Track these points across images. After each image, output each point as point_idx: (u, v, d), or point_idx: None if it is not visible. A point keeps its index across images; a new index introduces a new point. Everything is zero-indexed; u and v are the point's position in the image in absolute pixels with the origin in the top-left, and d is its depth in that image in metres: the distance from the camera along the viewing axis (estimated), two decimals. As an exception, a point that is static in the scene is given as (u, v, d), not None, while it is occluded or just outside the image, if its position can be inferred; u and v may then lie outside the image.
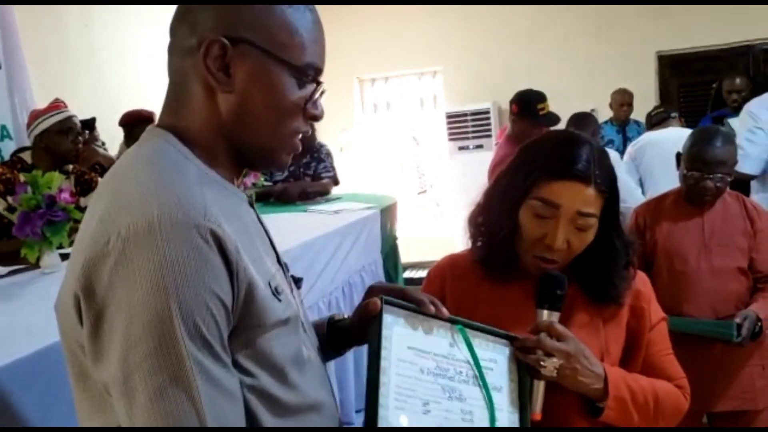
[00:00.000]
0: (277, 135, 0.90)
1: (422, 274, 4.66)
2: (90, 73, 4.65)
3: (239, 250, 0.79)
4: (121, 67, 4.92)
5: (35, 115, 3.08)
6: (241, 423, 0.79)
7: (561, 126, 3.39)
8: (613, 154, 3.20)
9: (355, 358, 2.64)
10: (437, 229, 7.16)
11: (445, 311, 1.08)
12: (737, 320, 2.15)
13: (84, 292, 0.75)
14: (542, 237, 1.22)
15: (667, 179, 2.83)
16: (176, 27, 0.88)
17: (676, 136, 3.32)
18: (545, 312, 1.20)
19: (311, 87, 0.90)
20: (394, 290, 1.09)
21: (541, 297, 1.21)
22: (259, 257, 0.87)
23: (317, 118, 0.93)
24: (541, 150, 1.28)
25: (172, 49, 0.89)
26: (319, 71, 0.92)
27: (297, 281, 1.05)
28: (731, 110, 4.51)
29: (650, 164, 3.75)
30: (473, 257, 1.35)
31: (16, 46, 3.83)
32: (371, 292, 1.10)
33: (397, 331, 1.04)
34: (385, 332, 1.02)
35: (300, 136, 0.94)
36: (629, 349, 1.30)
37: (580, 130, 3.18)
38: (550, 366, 1.14)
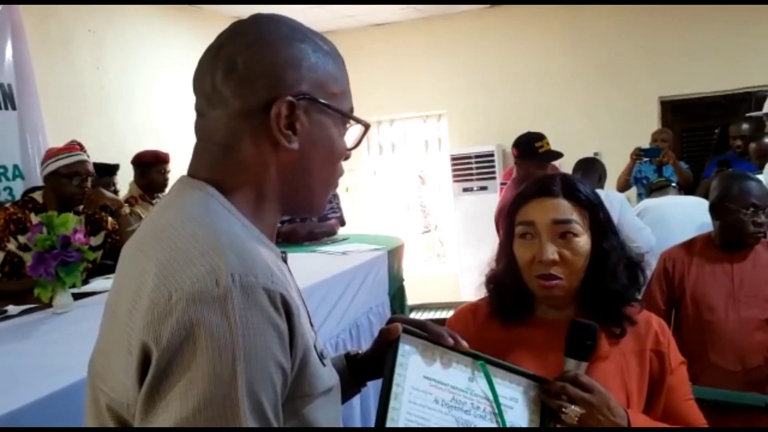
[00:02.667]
0: (328, 183, 0.92)
1: (427, 315, 4.66)
2: (101, 115, 4.73)
3: (300, 316, 0.77)
4: (131, 110, 5.00)
5: (48, 155, 3.11)
6: None
7: (567, 169, 3.44)
8: (618, 196, 3.23)
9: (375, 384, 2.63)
10: (441, 269, 7.18)
11: (464, 344, 1.09)
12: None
13: (144, 357, 0.71)
14: (533, 258, 1.27)
15: (664, 243, 2.82)
16: (215, 86, 0.84)
17: (672, 202, 3.39)
18: (572, 361, 1.18)
19: (355, 130, 0.93)
20: (414, 322, 1.09)
21: (570, 346, 1.19)
22: (306, 319, 0.84)
23: (348, 157, 0.94)
24: (517, 194, 1.38)
25: (211, 108, 0.85)
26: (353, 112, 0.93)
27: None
28: (736, 155, 4.56)
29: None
30: (491, 311, 1.38)
31: (31, 87, 3.90)
32: (390, 321, 1.10)
33: (414, 360, 1.05)
34: (400, 359, 1.03)
35: None
36: (650, 394, 1.30)
37: (586, 175, 3.23)
38: (572, 414, 1.14)
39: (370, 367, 1.12)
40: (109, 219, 3.29)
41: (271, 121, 0.82)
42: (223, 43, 0.86)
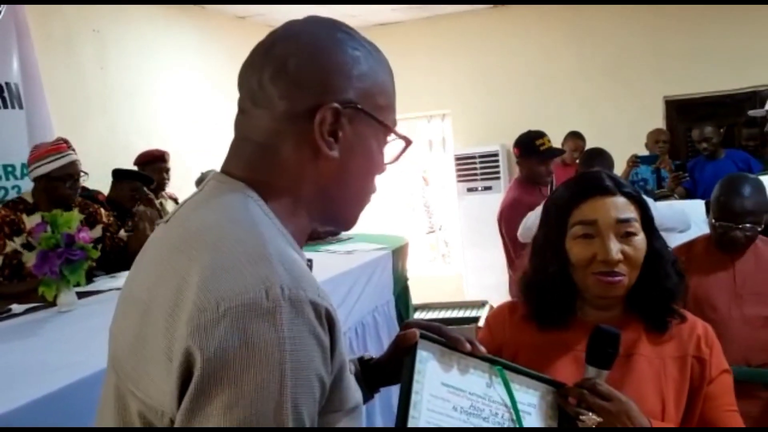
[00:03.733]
0: (364, 194, 0.90)
1: (431, 315, 4.65)
2: (105, 114, 4.73)
3: (340, 330, 0.76)
4: (136, 109, 5.01)
5: (37, 155, 3.02)
6: None
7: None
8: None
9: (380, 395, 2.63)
10: (446, 269, 7.17)
11: (482, 349, 1.06)
12: None
13: (187, 363, 0.68)
14: (593, 256, 1.24)
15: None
16: (262, 84, 0.82)
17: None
18: (593, 369, 1.15)
19: (394, 145, 0.91)
20: (431, 327, 1.06)
21: (591, 354, 1.16)
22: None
23: (384, 171, 0.92)
24: (563, 191, 1.35)
25: (255, 107, 0.84)
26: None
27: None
28: (704, 157, 4.66)
29: None
30: (527, 312, 1.35)
31: (37, 87, 3.91)
32: (407, 326, 1.07)
33: (431, 367, 1.03)
34: (418, 366, 1.01)
35: None
36: (689, 401, 1.26)
37: (600, 167, 3.20)
38: (589, 422, 1.11)
39: (383, 373, 1.09)
40: (103, 212, 3.26)
41: (315, 127, 0.81)
42: (275, 42, 0.84)
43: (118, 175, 3.85)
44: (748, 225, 2.20)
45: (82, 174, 3.06)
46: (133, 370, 0.77)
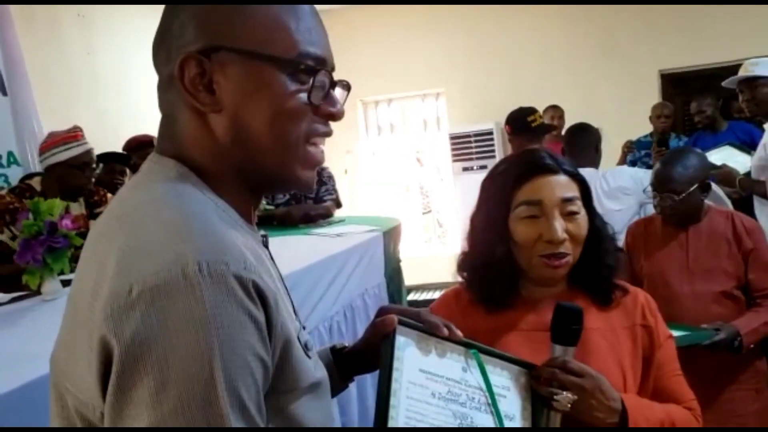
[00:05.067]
0: (284, 146, 0.78)
1: (427, 296, 4.63)
2: (92, 100, 4.69)
3: (278, 305, 0.71)
4: (123, 94, 4.96)
5: (51, 143, 3.01)
6: None
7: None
8: (641, 173, 3.14)
9: (357, 380, 2.61)
10: (441, 250, 7.15)
11: (459, 334, 1.06)
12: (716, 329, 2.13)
13: (105, 353, 0.64)
14: (539, 236, 1.23)
15: None
16: (156, 59, 0.81)
17: None
18: (559, 347, 1.15)
19: (320, 80, 0.78)
20: (408, 312, 1.04)
21: (556, 332, 1.15)
22: (287, 309, 0.77)
23: (335, 115, 0.81)
24: (504, 171, 1.33)
25: (159, 84, 0.82)
26: (321, 61, 0.79)
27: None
28: (702, 128, 4.66)
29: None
30: (473, 297, 1.34)
31: (21, 73, 3.86)
32: (383, 313, 1.04)
33: (410, 353, 1.01)
34: (397, 353, 0.99)
35: (318, 141, 0.81)
36: (643, 370, 1.28)
37: (581, 146, 3.15)
38: (564, 401, 1.10)
39: (359, 361, 1.07)
40: (110, 197, 3.21)
41: (180, 84, 0.75)
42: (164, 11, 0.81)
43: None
44: (665, 194, 2.23)
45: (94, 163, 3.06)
46: (66, 366, 0.73)
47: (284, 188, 0.85)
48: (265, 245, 0.85)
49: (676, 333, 2.21)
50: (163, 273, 0.63)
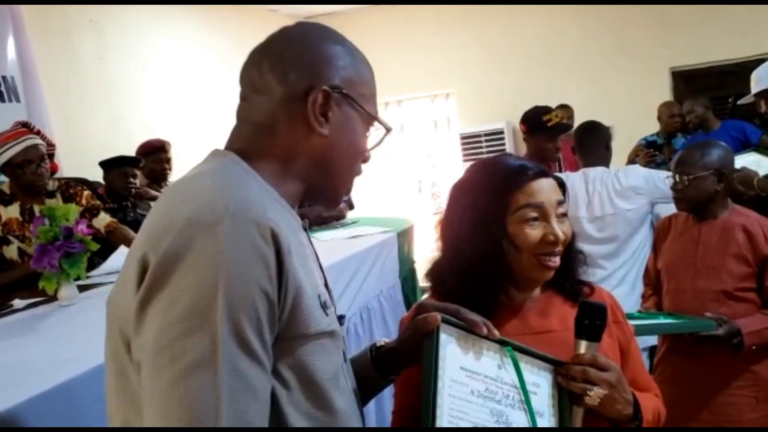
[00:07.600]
0: (348, 176, 1.01)
1: (440, 296, 4.63)
2: (106, 105, 4.70)
3: (291, 253, 0.83)
4: (136, 99, 4.97)
5: None
6: (263, 424, 0.80)
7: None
8: (653, 173, 3.08)
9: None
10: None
11: (495, 332, 1.07)
12: (718, 321, 2.11)
13: (143, 268, 0.79)
14: (543, 237, 1.23)
15: None
16: (262, 74, 0.95)
17: None
18: (585, 343, 1.16)
19: (376, 133, 1.02)
20: (448, 309, 1.06)
21: (580, 327, 1.17)
22: (311, 271, 0.90)
23: (368, 160, 1.04)
24: (488, 178, 1.29)
25: (255, 94, 0.96)
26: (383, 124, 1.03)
27: (340, 318, 1.02)
28: (693, 128, 4.75)
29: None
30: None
31: (34, 79, 3.88)
32: (422, 309, 1.07)
33: (451, 350, 1.03)
34: (441, 351, 1.01)
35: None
36: (622, 365, 1.29)
37: (592, 144, 3.12)
38: (595, 396, 1.12)
39: (399, 358, 1.10)
40: (85, 193, 3.12)
41: (308, 107, 0.93)
42: (272, 41, 0.98)
43: (105, 165, 3.83)
44: (676, 176, 2.26)
45: (47, 157, 2.94)
46: (116, 295, 0.87)
47: (323, 203, 1.08)
48: (305, 230, 1.00)
49: (676, 320, 2.22)
50: (196, 212, 0.80)
